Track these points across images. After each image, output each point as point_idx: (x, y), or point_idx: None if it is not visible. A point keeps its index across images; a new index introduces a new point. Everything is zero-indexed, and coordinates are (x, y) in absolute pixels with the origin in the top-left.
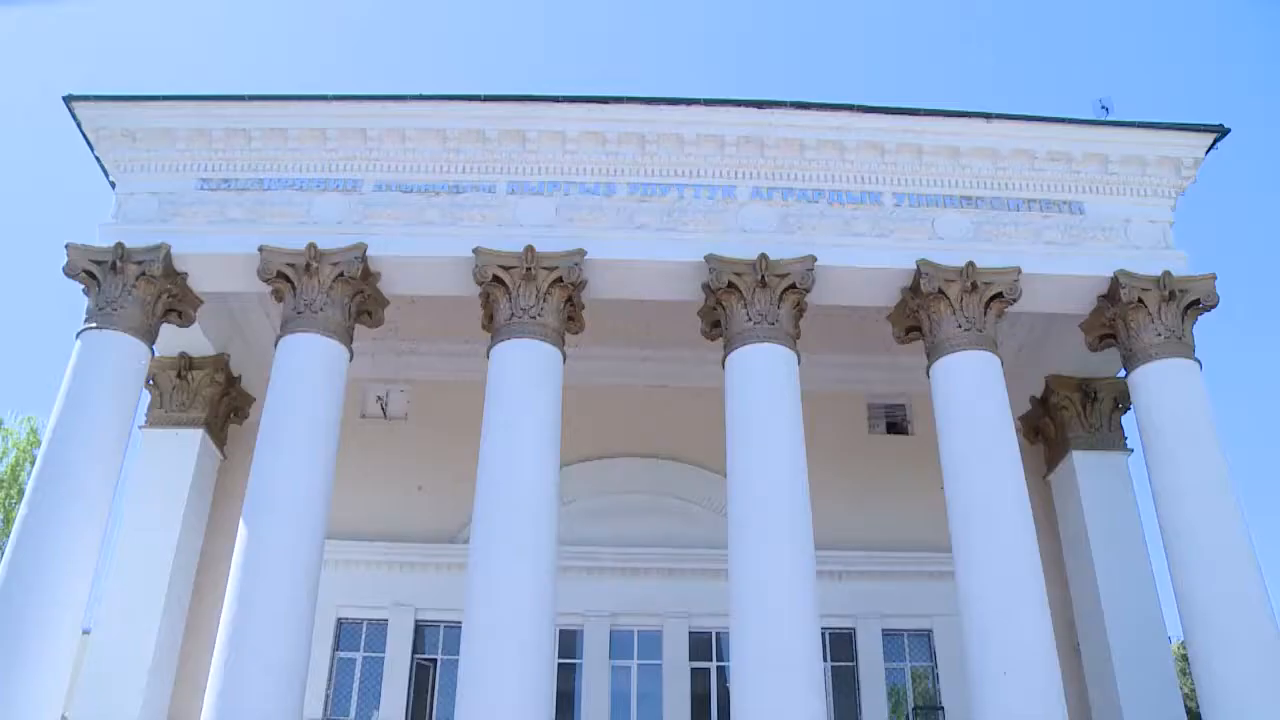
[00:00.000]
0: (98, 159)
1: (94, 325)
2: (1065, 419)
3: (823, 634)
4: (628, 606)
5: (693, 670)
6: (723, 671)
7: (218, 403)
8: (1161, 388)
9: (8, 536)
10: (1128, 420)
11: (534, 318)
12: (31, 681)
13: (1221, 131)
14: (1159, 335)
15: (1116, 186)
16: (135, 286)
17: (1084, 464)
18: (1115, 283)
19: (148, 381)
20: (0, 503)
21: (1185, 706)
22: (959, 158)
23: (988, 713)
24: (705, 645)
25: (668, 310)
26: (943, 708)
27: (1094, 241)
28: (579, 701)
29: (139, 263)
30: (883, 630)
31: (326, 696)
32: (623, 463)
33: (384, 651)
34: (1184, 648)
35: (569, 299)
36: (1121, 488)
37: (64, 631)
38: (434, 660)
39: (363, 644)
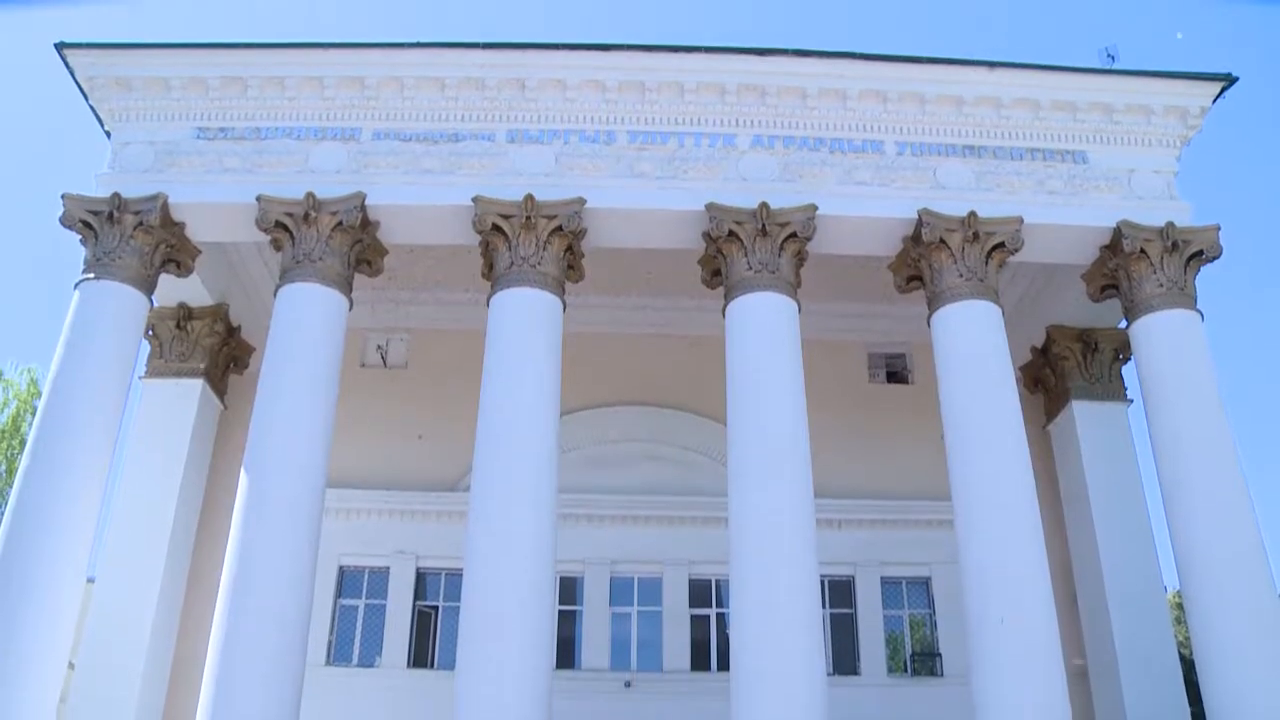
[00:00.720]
0: (92, 108)
1: (92, 276)
2: (1066, 369)
3: (822, 581)
4: (628, 554)
5: (692, 617)
6: (722, 618)
7: (217, 353)
8: (1162, 338)
9: (10, 487)
10: (1128, 371)
11: (534, 266)
12: (37, 630)
13: (1229, 80)
14: (1161, 286)
15: (1121, 136)
16: (133, 237)
17: (1084, 414)
18: (1118, 233)
19: (147, 332)
20: (2, 453)
21: (1180, 655)
22: (962, 107)
23: (985, 660)
24: (705, 592)
25: (668, 259)
26: (940, 654)
27: (1097, 191)
28: (579, 647)
29: (136, 213)
30: (881, 578)
31: (329, 643)
32: (623, 411)
33: (386, 599)
34: (1179, 597)
35: (569, 247)
36: (1121, 438)
37: (68, 580)
38: (435, 607)
39: (364, 591)
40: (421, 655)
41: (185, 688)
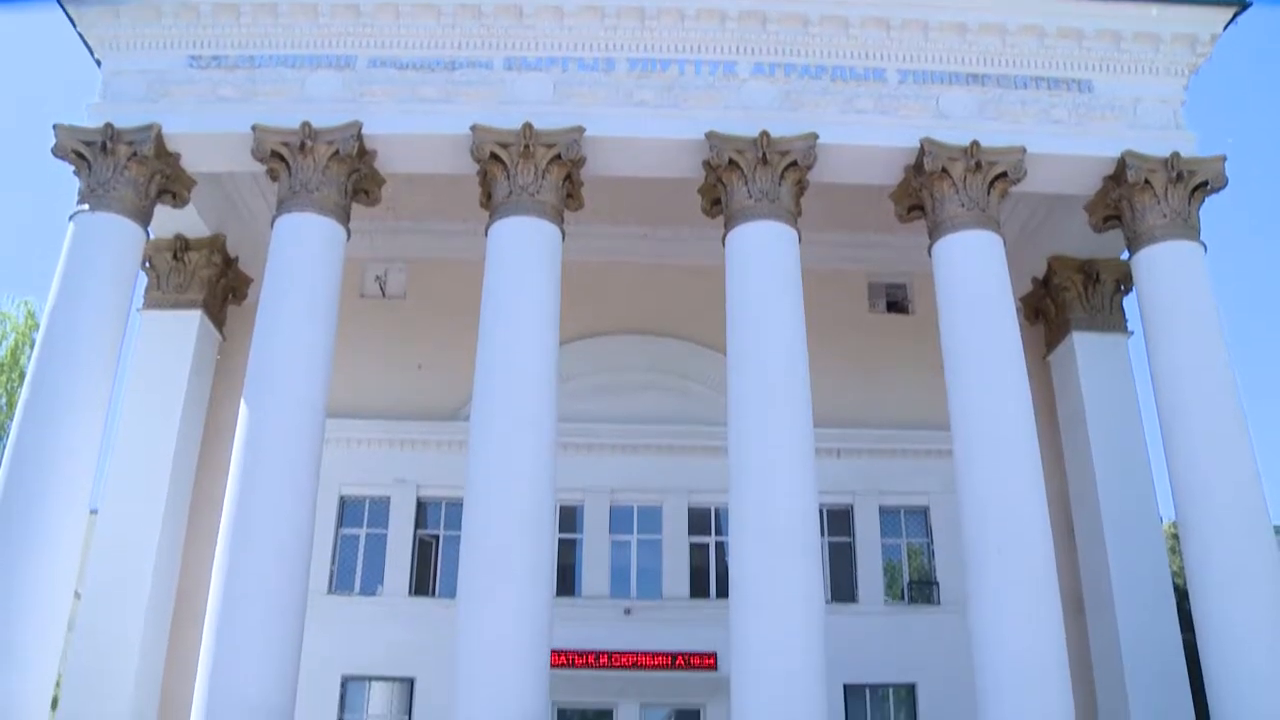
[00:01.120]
0: (81, 35)
1: (86, 207)
2: (1066, 300)
3: (820, 510)
4: (627, 482)
5: (691, 545)
6: (721, 546)
7: (215, 284)
8: (1164, 270)
9: (10, 420)
10: (1129, 302)
11: (532, 195)
12: (42, 560)
13: (1241, 6)
14: (1164, 217)
15: (1127, 64)
16: (127, 168)
17: (1084, 345)
18: (1122, 163)
19: (144, 263)
20: (2, 386)
21: (1174, 584)
22: (966, 34)
23: (982, 588)
24: (704, 520)
25: (668, 188)
26: (937, 583)
27: (1102, 121)
28: (579, 575)
29: (130, 143)
30: (880, 507)
31: (331, 572)
32: (622, 340)
33: (386, 528)
34: (1175, 528)
35: (568, 176)
36: (1120, 369)
37: (71, 511)
38: (436, 536)
39: (365, 521)
40: (423, 583)
41: (190, 616)
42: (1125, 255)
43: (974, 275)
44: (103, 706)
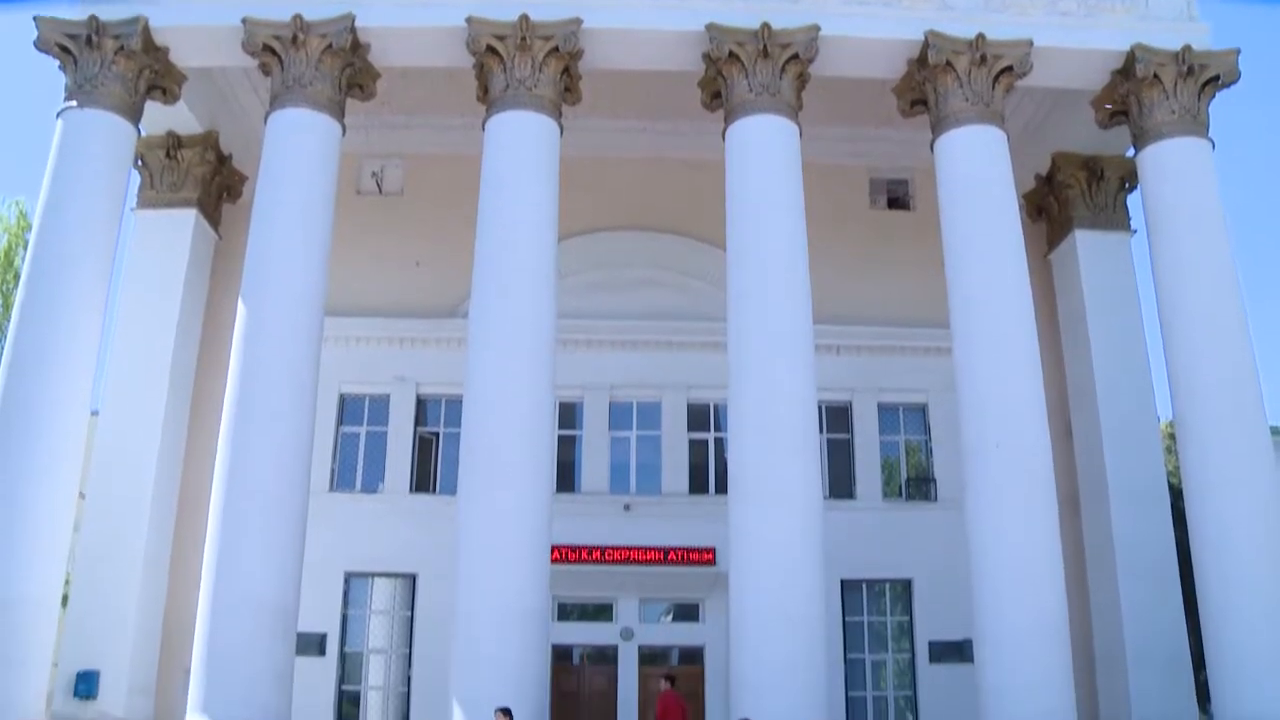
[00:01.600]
0: None
1: (74, 104)
2: (1070, 197)
3: (819, 406)
4: (626, 379)
5: (691, 441)
6: (720, 442)
7: (209, 182)
8: (1170, 167)
9: (7, 321)
10: (1133, 200)
11: (530, 89)
12: (45, 461)
13: None
14: (1172, 113)
15: None
16: (114, 62)
17: (1086, 243)
18: (1131, 57)
19: (136, 162)
20: None
21: (1169, 484)
22: None
23: (978, 485)
24: (703, 416)
25: (667, 81)
26: (935, 480)
27: (1111, 13)
28: (579, 471)
29: (116, 37)
30: (879, 404)
31: (332, 470)
32: (621, 236)
33: (387, 425)
34: (1172, 427)
35: (565, 69)
36: (1122, 268)
37: (72, 412)
38: (436, 433)
39: (365, 419)
40: (423, 480)
41: (193, 515)
42: (1131, 152)
43: (977, 171)
44: (111, 604)
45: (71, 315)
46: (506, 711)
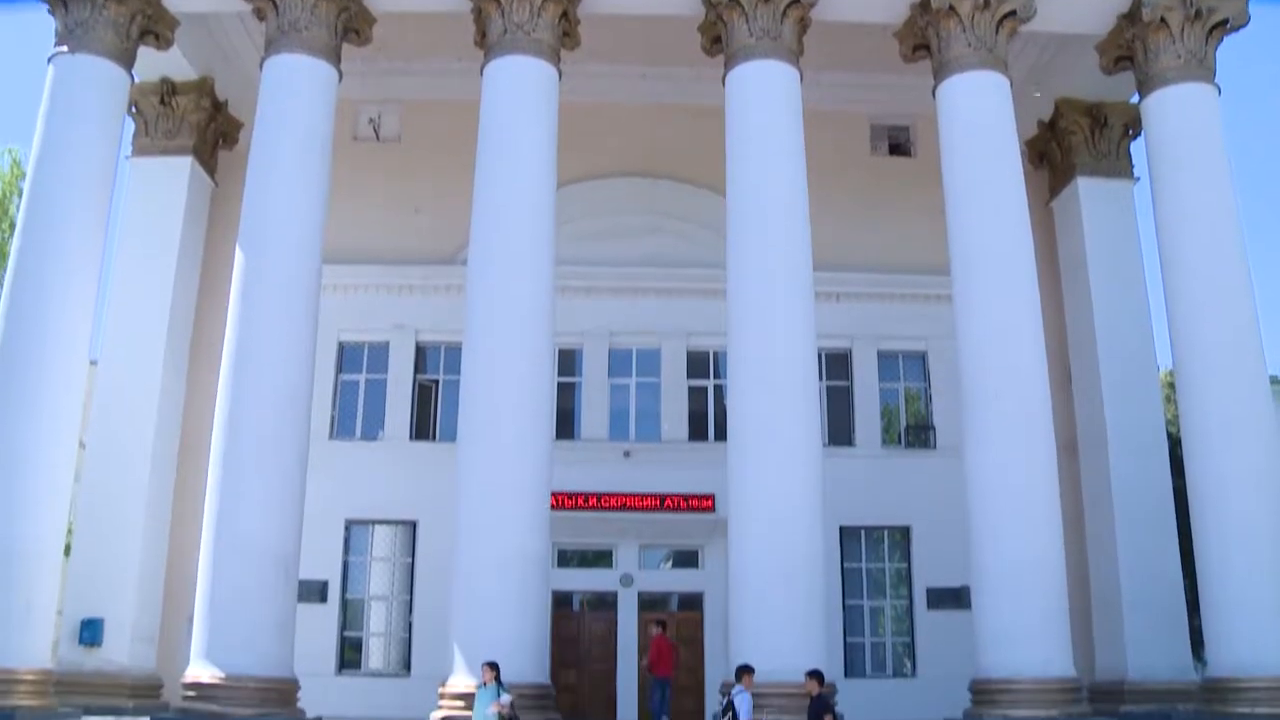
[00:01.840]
0: None
1: (65, 49)
2: (1072, 144)
3: (819, 353)
4: (626, 326)
5: (690, 388)
6: (720, 389)
7: (205, 128)
8: (1175, 114)
9: (4, 271)
10: (1137, 147)
11: (528, 34)
12: (45, 411)
13: None
14: (1179, 58)
15: None
16: (105, 7)
17: (1088, 191)
18: (1137, 0)
19: (130, 108)
20: None
21: (1168, 433)
22: None
23: (977, 433)
24: (703, 363)
25: (667, 26)
26: (934, 427)
27: None
28: (578, 418)
29: None
30: (878, 351)
31: (332, 418)
32: (620, 183)
33: (386, 373)
34: (1171, 376)
35: (564, 14)
36: (1124, 216)
37: (71, 361)
38: (436, 380)
39: (365, 366)
40: (423, 428)
41: (194, 463)
42: (1135, 98)
43: (979, 117)
44: (113, 553)
45: (68, 264)
46: (493, 665)
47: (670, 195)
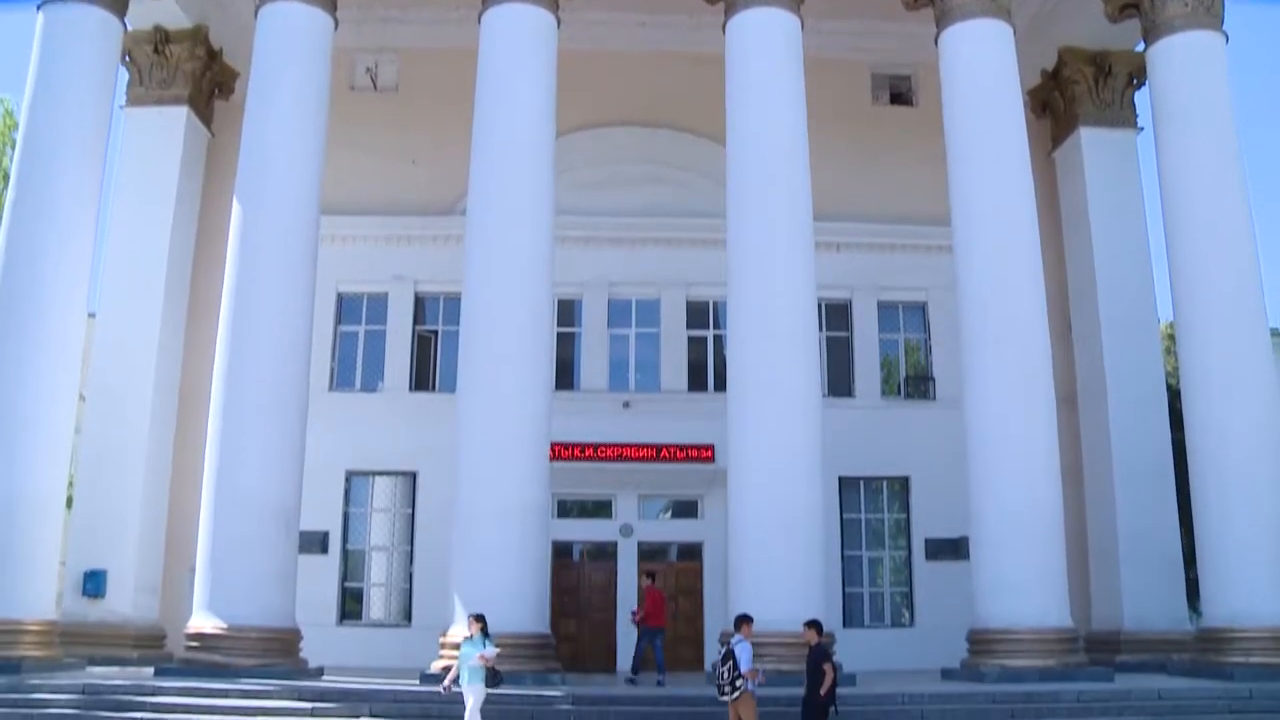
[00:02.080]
0: None
1: None
2: (1076, 94)
3: (819, 304)
4: (625, 276)
5: (690, 338)
6: (720, 339)
7: (200, 78)
8: (1181, 62)
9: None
10: (1141, 97)
11: None
12: (44, 363)
13: None
14: (1186, 5)
15: None
16: None
17: (1091, 141)
18: None
19: (124, 58)
20: None
21: (1167, 385)
22: None
23: (977, 381)
24: (703, 313)
25: None
26: (933, 378)
27: None
28: (578, 369)
29: None
30: (878, 302)
31: (331, 369)
32: (619, 132)
33: (385, 324)
34: (1172, 328)
35: None
36: (1127, 166)
37: (69, 313)
38: (435, 331)
39: (364, 317)
40: (423, 379)
41: (194, 413)
42: (1140, 46)
43: (981, 66)
44: (115, 505)
45: (64, 216)
46: (479, 617)
47: (670, 144)
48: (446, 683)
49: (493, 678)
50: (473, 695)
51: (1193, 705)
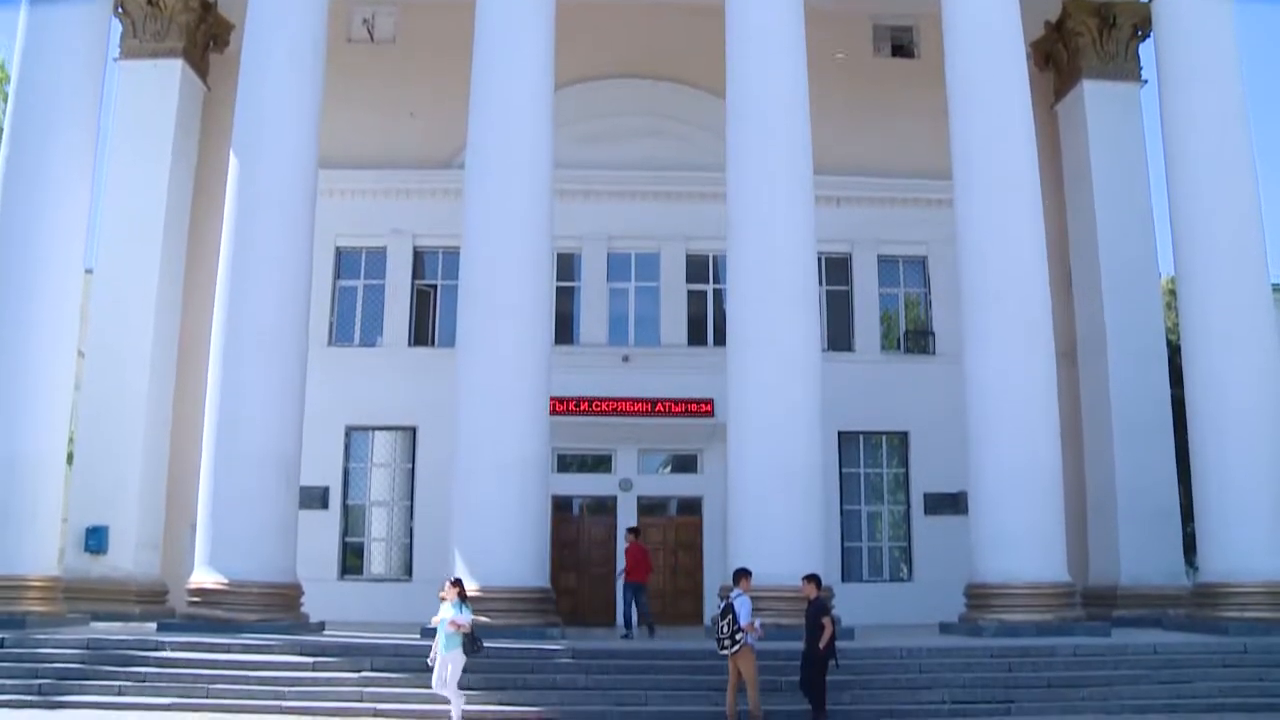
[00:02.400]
0: None
1: None
2: (1079, 46)
3: (819, 258)
4: (625, 230)
5: (689, 292)
6: (719, 294)
7: (195, 30)
8: (1188, 13)
9: None
10: (1145, 50)
11: None
12: (42, 320)
13: None
14: None
15: None
16: None
17: (1094, 94)
18: None
19: (116, 9)
20: None
21: (1167, 340)
22: None
23: (977, 335)
24: (702, 267)
25: None
26: (933, 333)
27: None
28: (577, 323)
29: None
30: (878, 256)
31: (330, 324)
32: (619, 84)
33: (384, 279)
34: (1173, 283)
35: None
36: (1130, 119)
37: (66, 270)
38: (434, 286)
39: (363, 272)
40: (422, 333)
41: (194, 369)
42: None
43: (984, 18)
44: (115, 461)
45: (59, 170)
46: (457, 582)
47: (670, 97)
48: (431, 657)
49: (471, 645)
50: (450, 664)
51: (1188, 660)
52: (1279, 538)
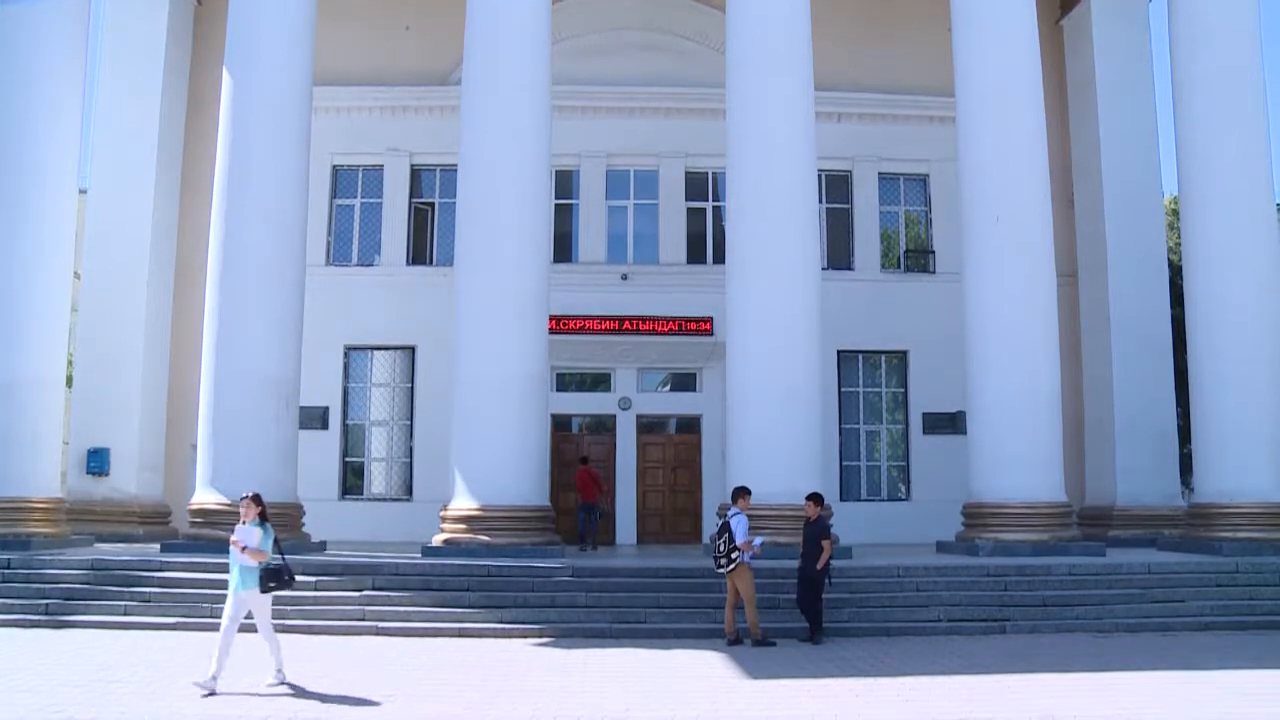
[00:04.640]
0: None
1: None
2: None
3: (819, 175)
4: (624, 146)
5: (689, 210)
6: (719, 211)
7: None
8: None
9: None
10: None
11: None
12: (36, 242)
13: None
14: None
15: None
16: None
17: (1101, 9)
18: None
19: None
20: None
21: (1169, 261)
22: None
23: (978, 255)
24: (702, 185)
25: None
26: (933, 251)
27: None
28: (576, 241)
29: None
30: (879, 174)
31: (327, 244)
32: None
33: (381, 197)
34: (1175, 203)
35: None
36: (1136, 36)
37: (60, 191)
38: (431, 204)
39: (359, 190)
40: (420, 253)
41: (191, 289)
42: None
43: None
44: (115, 383)
45: (49, 88)
46: (256, 498)
47: (670, 11)
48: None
49: (275, 577)
50: (249, 605)
51: (1181, 579)
52: (1274, 458)
